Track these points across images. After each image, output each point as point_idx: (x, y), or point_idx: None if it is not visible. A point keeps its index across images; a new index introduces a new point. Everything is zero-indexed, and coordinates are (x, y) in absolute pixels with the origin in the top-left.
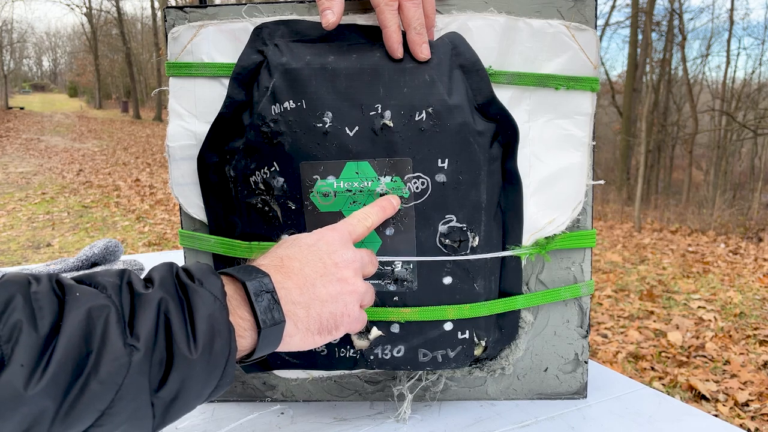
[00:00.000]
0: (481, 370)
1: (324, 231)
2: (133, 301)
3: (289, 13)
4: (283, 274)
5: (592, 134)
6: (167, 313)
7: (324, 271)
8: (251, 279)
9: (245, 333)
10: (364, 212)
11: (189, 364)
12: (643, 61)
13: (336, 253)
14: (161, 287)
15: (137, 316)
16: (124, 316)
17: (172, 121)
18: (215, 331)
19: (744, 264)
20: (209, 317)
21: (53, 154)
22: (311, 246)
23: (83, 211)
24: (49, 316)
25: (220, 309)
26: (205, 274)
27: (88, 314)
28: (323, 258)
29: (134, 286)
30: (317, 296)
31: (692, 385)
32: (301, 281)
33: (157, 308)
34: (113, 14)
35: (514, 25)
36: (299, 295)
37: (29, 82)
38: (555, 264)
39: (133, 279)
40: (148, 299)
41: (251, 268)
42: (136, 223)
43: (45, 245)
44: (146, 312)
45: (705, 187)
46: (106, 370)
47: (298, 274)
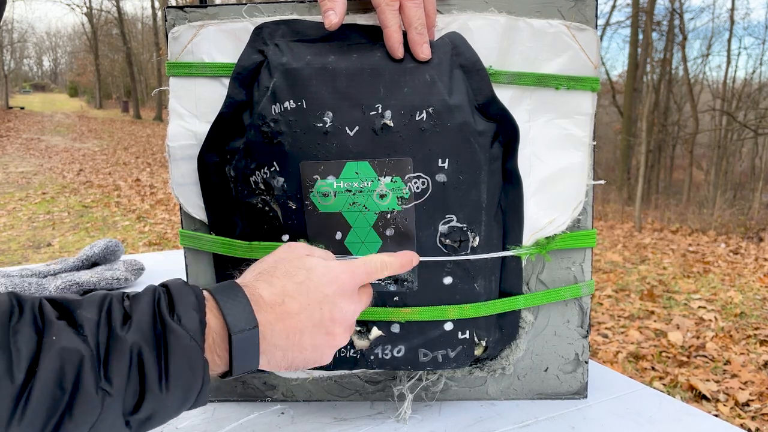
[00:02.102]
0: (481, 370)
1: (342, 273)
2: (109, 342)
3: (290, 12)
4: (278, 315)
5: (593, 134)
6: (141, 355)
7: (318, 321)
8: (239, 332)
9: (217, 368)
10: (384, 262)
11: (160, 398)
12: (644, 60)
13: (338, 306)
14: (138, 329)
15: (111, 360)
16: (99, 358)
17: (173, 120)
18: (188, 370)
19: (744, 264)
20: (183, 358)
21: (53, 154)
22: (320, 288)
23: (83, 211)
24: (25, 360)
25: (195, 349)
26: (186, 307)
27: (62, 359)
28: (324, 307)
29: (112, 324)
30: (300, 344)
31: (693, 385)
32: (292, 327)
33: (130, 353)
34: (113, 14)
35: (514, 25)
36: (283, 340)
37: (29, 81)
38: (555, 264)
39: (113, 310)
40: (122, 343)
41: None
42: (137, 222)
43: (45, 245)
44: (120, 357)
45: (705, 186)
46: (80, 412)
47: (293, 318)
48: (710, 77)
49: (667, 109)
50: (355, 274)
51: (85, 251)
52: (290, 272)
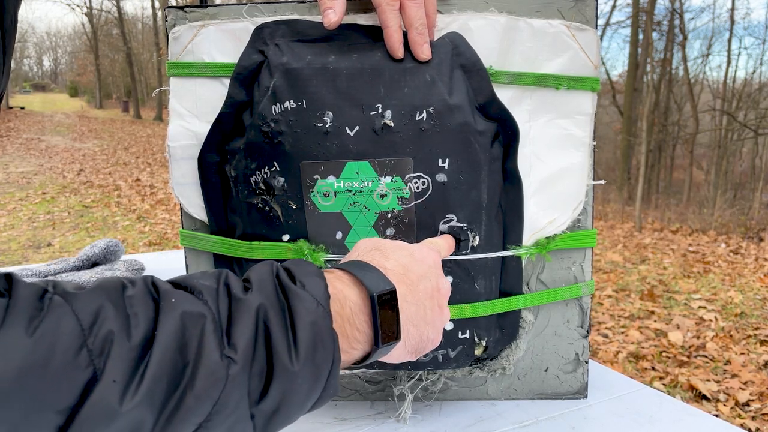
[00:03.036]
0: (481, 369)
1: (429, 250)
2: (231, 306)
3: (290, 12)
4: (406, 285)
5: (593, 134)
6: (266, 321)
7: (432, 293)
8: (381, 293)
9: (357, 345)
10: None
11: (290, 375)
12: (644, 60)
13: (440, 277)
14: (260, 291)
15: (234, 324)
16: (221, 324)
17: (173, 120)
18: (318, 341)
19: (745, 264)
20: (312, 325)
21: (54, 154)
22: (423, 260)
23: (84, 211)
24: (143, 324)
25: (323, 316)
26: (308, 275)
27: (183, 323)
28: (431, 279)
29: (232, 290)
30: (425, 317)
31: (693, 385)
32: (418, 298)
33: (256, 316)
34: (114, 14)
35: (514, 25)
36: (414, 312)
37: (30, 81)
38: (555, 264)
39: (231, 281)
40: (246, 305)
41: (377, 272)
42: (137, 222)
43: (45, 245)
44: (244, 320)
45: (706, 186)
46: (202, 385)
47: (416, 288)
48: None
49: (668, 109)
50: (439, 251)
51: (85, 251)
52: (395, 247)
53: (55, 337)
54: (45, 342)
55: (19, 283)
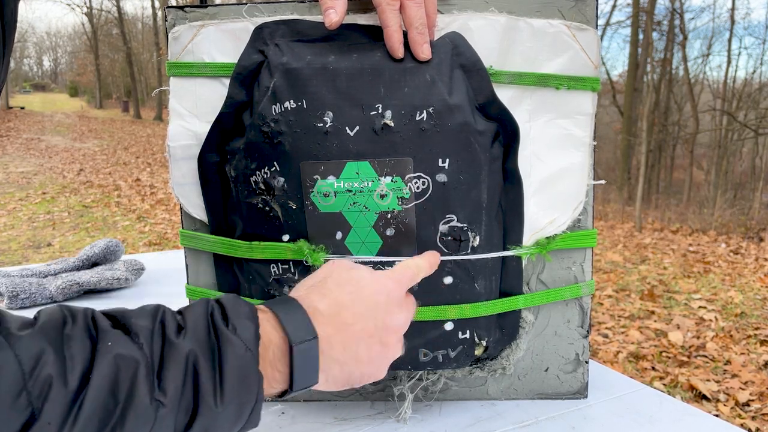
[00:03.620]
0: (481, 370)
1: (388, 281)
2: (164, 349)
3: (290, 12)
4: (335, 326)
5: (593, 134)
6: (196, 365)
7: (373, 331)
8: (300, 342)
9: (276, 385)
10: (419, 266)
11: (214, 414)
12: (644, 60)
13: (391, 314)
14: (193, 335)
15: (165, 369)
16: (153, 367)
17: (173, 120)
18: (243, 383)
19: (745, 264)
20: (239, 369)
21: (54, 154)
22: (371, 296)
23: (84, 211)
24: (79, 366)
25: (250, 360)
26: (240, 317)
27: (117, 366)
28: (377, 316)
29: (166, 331)
30: (357, 357)
31: (693, 385)
32: (348, 339)
33: (186, 361)
34: (114, 14)
35: (514, 25)
36: (341, 352)
37: (30, 81)
38: (556, 264)
39: (167, 320)
40: (177, 351)
41: (303, 317)
42: (137, 222)
43: (45, 245)
44: (175, 365)
45: (706, 186)
46: (131, 425)
47: (349, 329)
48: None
49: (668, 108)
50: (400, 280)
51: (85, 251)
52: (341, 284)
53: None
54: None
55: None
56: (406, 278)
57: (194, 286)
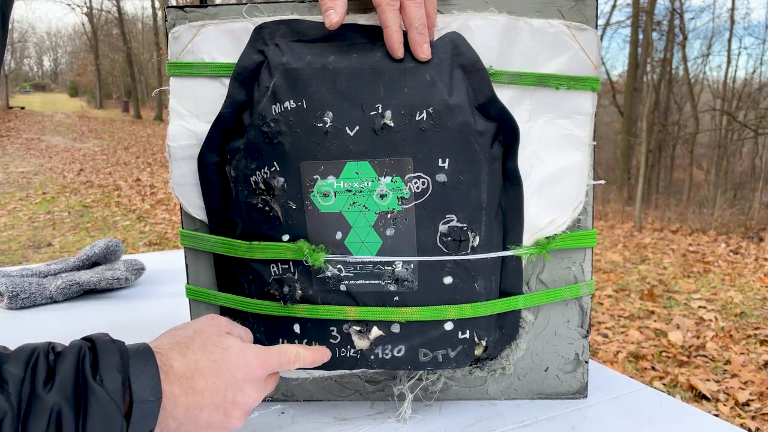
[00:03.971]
0: (481, 369)
1: (254, 360)
2: (30, 401)
3: (290, 12)
4: (184, 389)
5: (593, 134)
6: (60, 417)
7: (220, 402)
8: (141, 402)
9: None
10: (298, 354)
11: None
12: (644, 60)
13: (242, 391)
14: (59, 389)
15: (30, 421)
16: (20, 416)
17: (173, 120)
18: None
19: (745, 264)
20: (102, 420)
21: (54, 154)
22: (230, 370)
23: (84, 211)
24: None
25: (114, 411)
26: (109, 368)
27: None
28: (229, 390)
29: (36, 382)
30: (196, 420)
31: (693, 384)
32: (193, 403)
33: (50, 414)
34: (114, 14)
35: (514, 25)
36: (182, 413)
37: (30, 81)
38: (555, 264)
39: (38, 368)
40: (43, 405)
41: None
42: (137, 222)
43: (46, 245)
44: (40, 418)
45: (706, 186)
46: None
47: (197, 395)
48: (710, 77)
49: (668, 108)
50: (267, 362)
51: (85, 251)
52: (206, 347)
53: None
54: None
55: None
56: (275, 362)
57: (194, 285)
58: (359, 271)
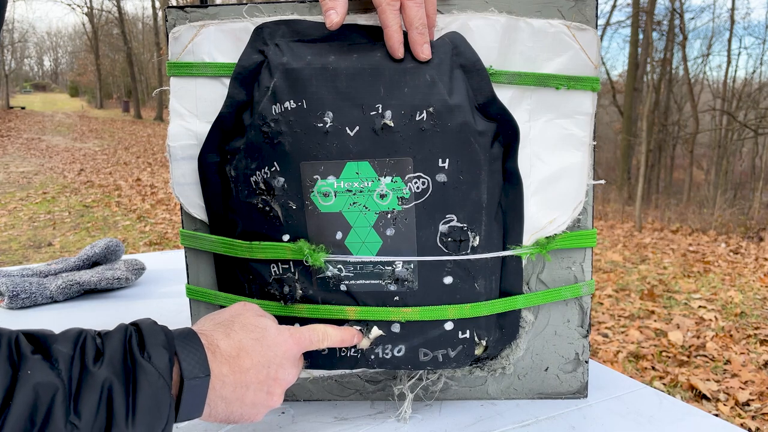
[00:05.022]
0: (481, 369)
1: (289, 338)
2: (81, 376)
3: (290, 13)
4: (231, 367)
5: (593, 134)
6: (111, 391)
7: (264, 379)
8: (192, 378)
9: None
10: (327, 333)
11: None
12: (644, 60)
13: (283, 367)
14: (109, 364)
15: (82, 394)
16: (70, 392)
17: (173, 120)
18: (154, 408)
19: (745, 263)
20: (151, 396)
21: (54, 154)
22: (270, 347)
23: (84, 211)
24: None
25: (163, 386)
26: (155, 346)
27: (35, 394)
28: (270, 367)
29: (85, 359)
30: (242, 399)
31: (693, 384)
32: (240, 381)
33: (101, 389)
34: (114, 14)
35: (514, 25)
36: (230, 392)
37: (30, 81)
38: (556, 263)
39: (87, 347)
40: (94, 379)
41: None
42: (137, 222)
43: (46, 245)
44: (91, 392)
45: (706, 186)
46: None
47: (243, 373)
48: (710, 77)
49: (668, 108)
50: (301, 340)
51: (85, 251)
52: (247, 327)
53: None
54: None
55: None
56: (307, 341)
57: (194, 285)
58: (359, 271)
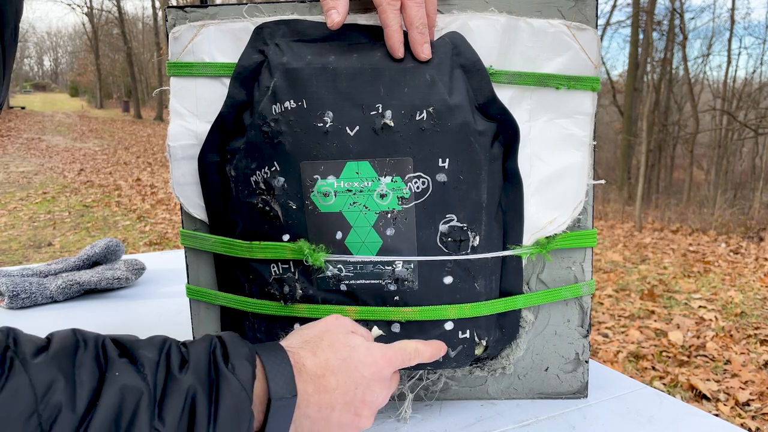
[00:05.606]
0: (481, 369)
1: (380, 359)
2: (167, 382)
3: (290, 12)
4: (316, 387)
5: (593, 134)
6: (195, 399)
7: (350, 400)
8: (279, 399)
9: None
10: (418, 350)
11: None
12: (644, 60)
13: (371, 389)
14: (194, 372)
15: (167, 400)
16: (155, 397)
17: (173, 120)
18: (236, 419)
19: (745, 263)
20: (233, 407)
21: (54, 154)
22: (359, 369)
23: (84, 211)
24: (87, 394)
25: (245, 399)
26: (239, 357)
27: (122, 396)
28: (359, 388)
29: (171, 366)
30: (328, 420)
31: (693, 384)
32: (325, 402)
33: (186, 395)
34: (114, 14)
35: (514, 25)
36: (316, 412)
37: (30, 81)
38: (556, 263)
39: (172, 353)
40: (179, 385)
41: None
42: (137, 222)
43: (46, 244)
44: (176, 398)
45: (706, 186)
46: None
47: (329, 394)
48: (711, 77)
49: (668, 108)
50: (392, 360)
51: (85, 251)
52: (335, 346)
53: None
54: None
55: None
56: (399, 360)
57: (194, 285)
58: (359, 271)
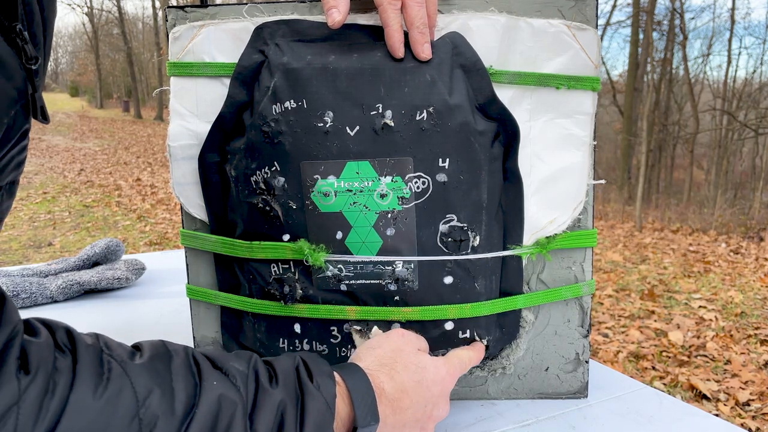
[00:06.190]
0: (481, 369)
1: (446, 375)
2: (257, 394)
3: (290, 12)
4: (393, 409)
5: (593, 134)
6: (284, 414)
7: (420, 417)
8: (365, 426)
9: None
10: (471, 357)
11: None
12: (644, 60)
13: (438, 406)
14: (284, 387)
15: (258, 412)
16: (247, 409)
17: (173, 120)
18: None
19: (745, 263)
20: (317, 424)
21: (54, 154)
22: (429, 388)
23: (84, 211)
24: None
25: (329, 416)
26: (323, 375)
27: (219, 405)
28: (428, 406)
29: (260, 378)
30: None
31: (693, 384)
32: (399, 421)
33: (276, 409)
34: (114, 14)
35: (515, 25)
36: (389, 430)
37: None
38: (556, 263)
39: (259, 368)
40: (270, 398)
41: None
42: (138, 222)
43: (46, 245)
44: (268, 410)
45: (706, 186)
46: None
47: (402, 413)
48: (711, 77)
49: (668, 108)
50: (455, 375)
51: (86, 251)
52: (409, 368)
53: (116, 405)
54: (108, 408)
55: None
56: (459, 372)
57: (195, 285)
58: (359, 271)
